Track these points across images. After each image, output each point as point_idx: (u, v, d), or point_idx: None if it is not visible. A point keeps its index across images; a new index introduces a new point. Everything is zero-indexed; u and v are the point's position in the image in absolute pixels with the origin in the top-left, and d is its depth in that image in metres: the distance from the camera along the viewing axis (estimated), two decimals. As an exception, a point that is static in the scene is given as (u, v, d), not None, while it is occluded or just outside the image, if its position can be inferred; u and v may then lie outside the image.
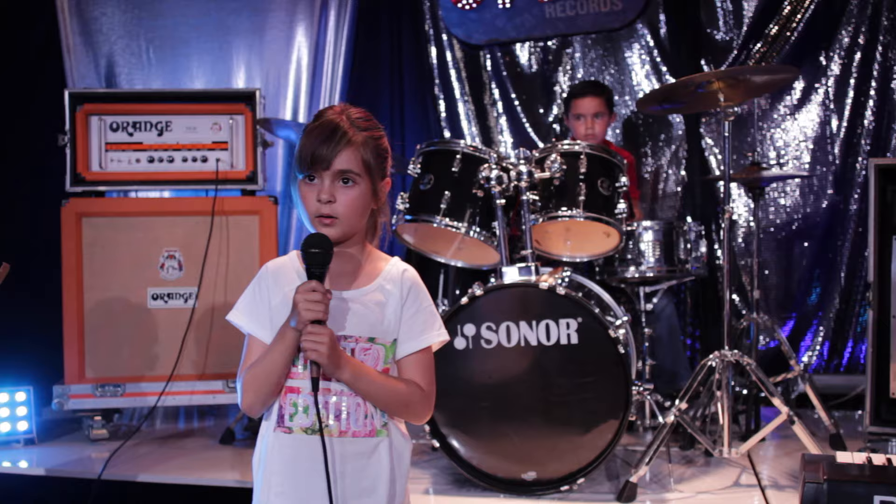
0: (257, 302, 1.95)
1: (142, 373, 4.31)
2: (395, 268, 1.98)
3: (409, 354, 1.95)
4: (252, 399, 1.89)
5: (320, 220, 1.87)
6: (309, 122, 1.95)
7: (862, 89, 4.98)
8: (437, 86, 5.51)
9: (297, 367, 1.88)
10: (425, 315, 1.97)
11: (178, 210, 4.38)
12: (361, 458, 1.89)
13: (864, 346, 4.98)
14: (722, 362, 3.55)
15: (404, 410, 1.95)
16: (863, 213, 4.97)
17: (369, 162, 1.89)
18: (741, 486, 3.55)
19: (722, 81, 3.48)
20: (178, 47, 5.38)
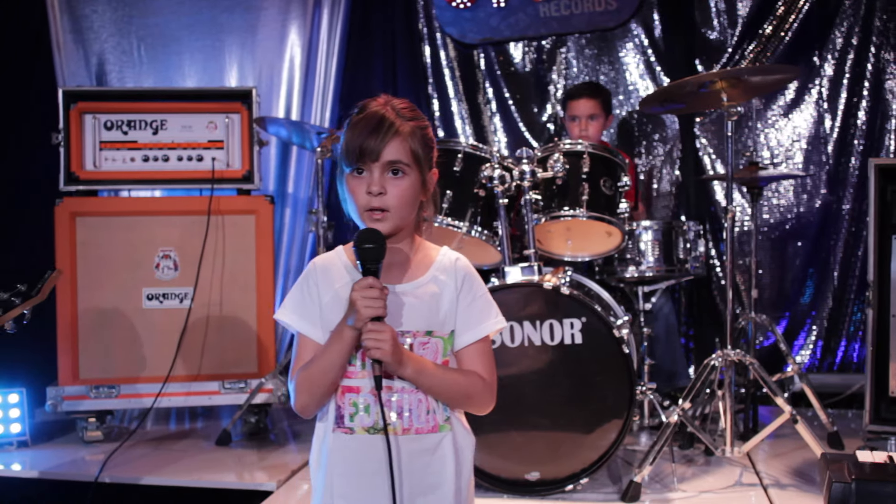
0: (306, 300, 1.90)
1: (137, 374, 4.27)
2: (447, 257, 1.94)
3: (469, 345, 1.91)
4: (307, 400, 1.85)
5: (370, 215, 1.82)
6: (352, 115, 1.89)
7: (855, 90, 5.00)
8: (431, 85, 5.49)
9: (355, 365, 1.84)
10: (481, 303, 1.93)
11: (173, 209, 4.34)
12: (425, 455, 1.86)
13: (857, 346, 5.02)
14: (724, 361, 3.54)
15: (467, 402, 1.91)
16: (856, 213, 5.00)
17: (417, 152, 1.85)
18: (743, 486, 3.56)
19: (725, 81, 3.48)
20: (170, 45, 5.33)
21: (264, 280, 4.36)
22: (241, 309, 4.35)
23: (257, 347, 4.35)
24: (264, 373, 4.31)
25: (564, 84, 5.35)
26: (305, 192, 5.37)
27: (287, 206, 5.37)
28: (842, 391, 4.74)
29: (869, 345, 3.72)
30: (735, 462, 3.82)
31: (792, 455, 3.95)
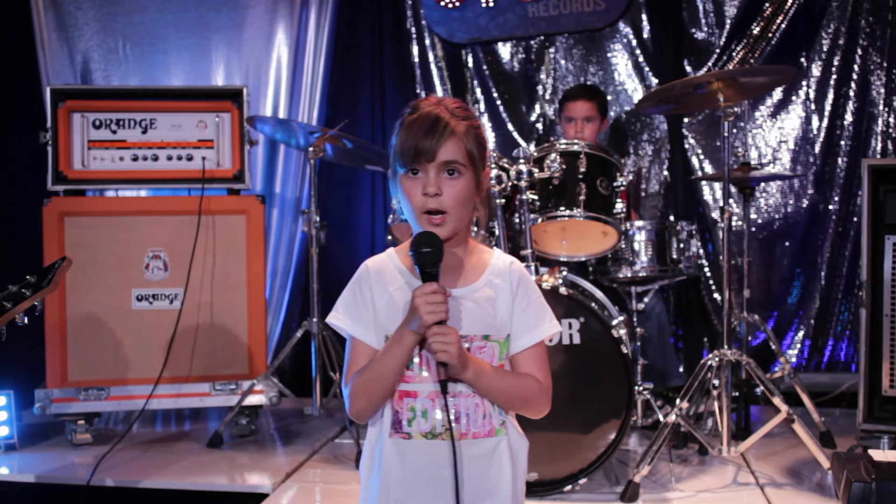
0: (359, 304, 1.88)
1: (127, 375, 4.22)
2: (501, 261, 1.92)
3: (525, 349, 1.90)
4: (363, 405, 1.84)
5: (429, 219, 1.81)
6: (404, 115, 1.88)
7: (841, 91, 5.04)
8: (419, 85, 5.47)
9: (413, 370, 1.83)
10: (536, 307, 1.91)
11: (163, 209, 4.30)
12: (483, 460, 1.84)
13: (844, 345, 5.06)
14: (721, 361, 3.55)
15: (524, 405, 1.90)
16: (843, 213, 5.03)
17: (472, 151, 1.83)
18: (739, 485, 3.57)
19: (721, 82, 3.49)
20: (156, 44, 5.28)
21: (255, 281, 4.32)
22: (231, 310, 4.31)
23: (248, 349, 4.31)
24: (255, 374, 4.27)
25: (553, 84, 5.35)
26: (293, 192, 5.34)
27: (274, 206, 5.33)
28: (830, 390, 4.77)
29: (862, 344, 3.74)
30: (729, 461, 3.84)
31: (785, 454, 3.97)
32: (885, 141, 4.96)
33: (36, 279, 2.81)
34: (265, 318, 4.41)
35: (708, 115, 5.15)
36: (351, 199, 5.43)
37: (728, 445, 3.50)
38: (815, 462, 3.81)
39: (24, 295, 2.77)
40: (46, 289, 2.81)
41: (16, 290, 2.78)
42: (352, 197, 5.44)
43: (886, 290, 3.71)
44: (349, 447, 4.15)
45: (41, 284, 2.79)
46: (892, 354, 3.70)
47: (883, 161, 4.33)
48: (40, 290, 2.79)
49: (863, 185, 3.72)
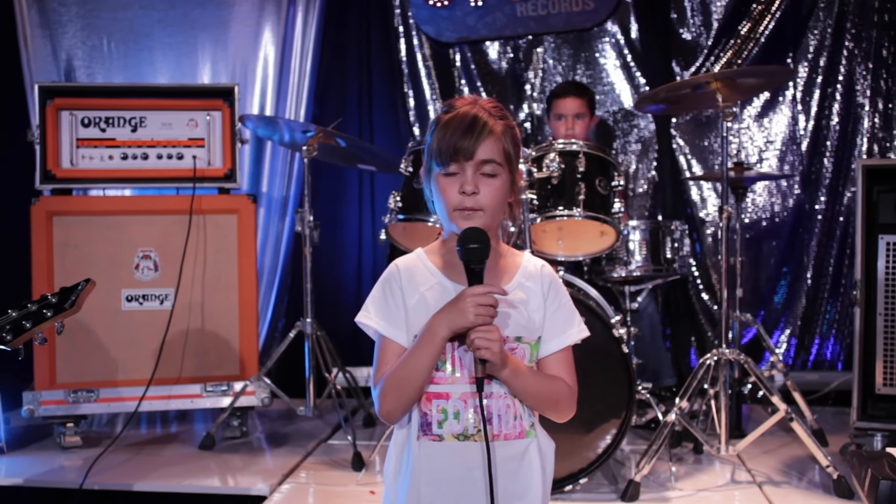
0: (390, 303, 1.86)
1: (116, 377, 4.17)
2: (532, 263, 1.92)
3: (554, 353, 1.90)
4: (394, 405, 1.82)
5: (462, 213, 1.80)
6: (440, 114, 1.87)
7: (827, 92, 5.08)
8: (407, 83, 5.44)
9: (444, 371, 1.82)
10: (566, 311, 1.92)
11: (153, 209, 4.25)
12: (513, 462, 1.83)
13: (830, 344, 5.10)
14: (720, 361, 3.57)
15: (553, 408, 1.90)
16: (829, 214, 5.08)
17: (509, 151, 1.84)
18: (737, 483, 3.59)
19: (720, 82, 3.50)
20: (141, 41, 5.20)
21: (247, 281, 4.28)
22: (223, 310, 4.27)
23: (239, 349, 4.27)
24: (247, 375, 4.23)
25: (541, 84, 5.35)
26: (279, 191, 5.29)
27: (261, 206, 5.28)
28: (819, 388, 4.81)
29: (856, 343, 3.78)
30: (725, 460, 3.85)
31: (778, 452, 4.00)
32: (871, 142, 5.01)
33: (57, 299, 2.75)
34: (257, 318, 4.37)
35: (695, 114, 5.17)
36: (338, 198, 5.39)
37: (726, 444, 3.51)
38: (808, 460, 3.86)
39: (45, 316, 2.71)
40: (69, 311, 2.76)
41: (35, 309, 2.72)
42: (339, 196, 5.40)
43: (880, 290, 3.75)
44: (343, 448, 4.12)
45: (63, 306, 2.74)
46: (886, 353, 3.74)
47: (877, 161, 4.37)
48: (62, 312, 2.73)
49: (857, 185, 3.76)
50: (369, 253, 5.47)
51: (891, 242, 3.74)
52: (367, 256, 5.47)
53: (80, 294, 2.80)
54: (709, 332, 5.16)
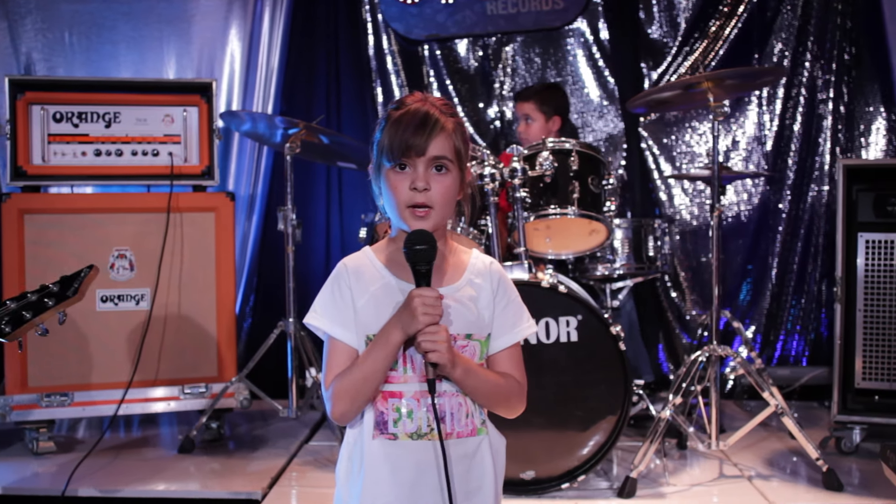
0: (339, 303, 1.83)
1: (91, 380, 4.05)
2: (480, 261, 1.92)
3: (503, 349, 1.89)
4: (347, 407, 1.79)
5: (413, 212, 1.78)
6: (389, 111, 1.86)
7: (792, 94, 5.19)
8: (376, 80, 5.40)
9: (398, 370, 1.80)
10: (515, 307, 1.92)
11: (128, 207, 4.14)
12: (466, 460, 1.83)
13: (794, 340, 5.21)
14: (710, 357, 3.61)
15: (505, 405, 1.89)
16: (793, 212, 5.19)
17: (460, 149, 1.84)
18: (727, 478, 3.64)
19: (711, 82, 3.55)
20: (104, 34, 5.06)
21: (224, 280, 4.20)
22: (200, 310, 4.18)
23: (217, 350, 4.19)
24: (225, 376, 4.16)
25: (511, 82, 5.36)
26: (246, 189, 5.20)
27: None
28: (790, 383, 4.90)
29: (836, 338, 3.86)
30: (710, 455, 3.91)
31: (759, 447, 4.07)
32: (834, 143, 5.13)
33: (59, 288, 2.65)
34: (235, 318, 4.29)
35: (663, 114, 5.23)
36: (306, 196, 5.32)
37: (717, 439, 3.56)
38: (789, 453, 3.96)
39: (46, 305, 2.61)
40: (72, 299, 2.66)
41: (35, 298, 2.62)
42: (307, 194, 5.33)
43: (859, 286, 3.84)
44: (326, 450, 4.08)
45: (66, 294, 2.64)
46: (865, 348, 3.83)
47: (857, 161, 4.49)
48: (64, 301, 2.63)
49: (837, 184, 3.84)
50: (337, 251, 5.41)
51: (870, 240, 3.83)
52: (335, 255, 5.41)
53: (82, 281, 2.70)
54: (677, 330, 5.23)
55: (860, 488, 3.46)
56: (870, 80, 5.13)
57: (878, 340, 3.82)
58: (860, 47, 5.13)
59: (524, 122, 4.59)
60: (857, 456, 3.89)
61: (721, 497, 3.42)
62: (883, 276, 3.81)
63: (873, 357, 3.83)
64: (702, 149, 5.26)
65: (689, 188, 5.27)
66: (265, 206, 5.26)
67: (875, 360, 3.83)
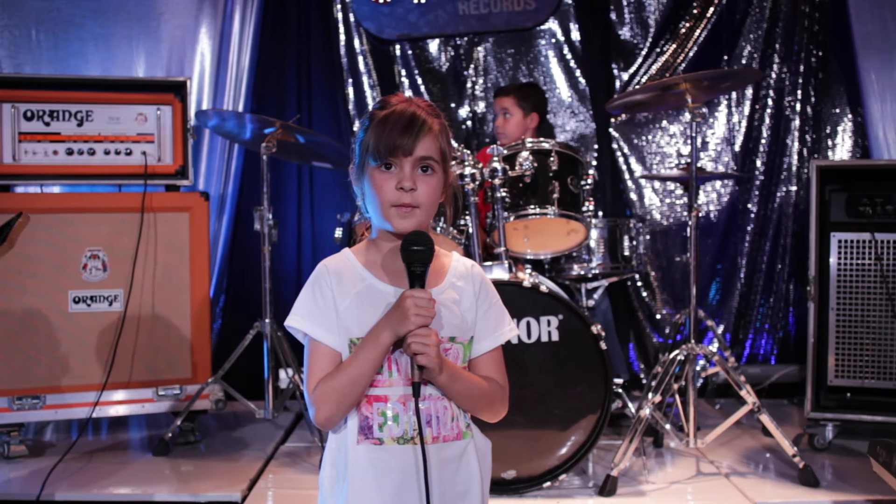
0: (321, 305, 1.81)
1: (64, 383, 3.98)
2: (462, 263, 1.92)
3: (485, 352, 1.89)
4: (332, 411, 1.77)
5: (399, 211, 1.77)
6: (373, 111, 1.85)
7: (760, 95, 5.27)
8: (347, 80, 5.37)
9: (383, 374, 1.79)
10: (496, 310, 1.92)
11: (101, 206, 4.08)
12: (453, 463, 1.82)
13: (763, 339, 5.28)
14: (689, 355, 3.64)
15: (489, 409, 1.88)
16: (761, 213, 5.26)
17: (445, 151, 1.84)
18: (705, 475, 3.68)
19: (689, 83, 3.58)
20: (71, 31, 4.98)
21: (199, 281, 4.17)
22: (174, 311, 4.14)
23: (191, 351, 4.15)
24: (199, 378, 4.12)
25: (483, 82, 5.37)
26: (216, 188, 5.14)
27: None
28: (760, 381, 4.97)
29: (810, 336, 3.92)
30: (687, 453, 3.94)
31: (733, 444, 4.12)
32: (802, 144, 5.22)
33: None
34: (209, 319, 4.25)
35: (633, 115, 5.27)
36: (277, 195, 5.27)
37: (695, 437, 3.59)
38: (763, 450, 4.01)
39: None
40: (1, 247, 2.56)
41: None
42: (278, 193, 5.29)
43: (832, 285, 3.90)
44: (304, 451, 4.05)
45: None
46: (838, 346, 3.89)
47: (829, 162, 4.57)
48: None
49: (810, 184, 3.90)
50: (309, 251, 5.38)
51: (842, 240, 3.89)
52: (307, 254, 5.38)
53: (12, 229, 2.61)
54: (647, 329, 5.27)
55: (835, 484, 3.51)
56: (836, 81, 5.22)
57: (851, 339, 3.88)
58: (827, 50, 5.22)
59: (502, 117, 4.59)
60: (829, 452, 3.95)
61: (701, 494, 3.46)
62: (855, 276, 3.87)
63: (845, 355, 3.89)
64: (672, 149, 5.32)
65: (660, 188, 5.32)
66: (236, 205, 5.21)
67: (847, 358, 3.89)
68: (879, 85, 4.98)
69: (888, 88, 4.96)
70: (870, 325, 3.86)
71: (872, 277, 3.84)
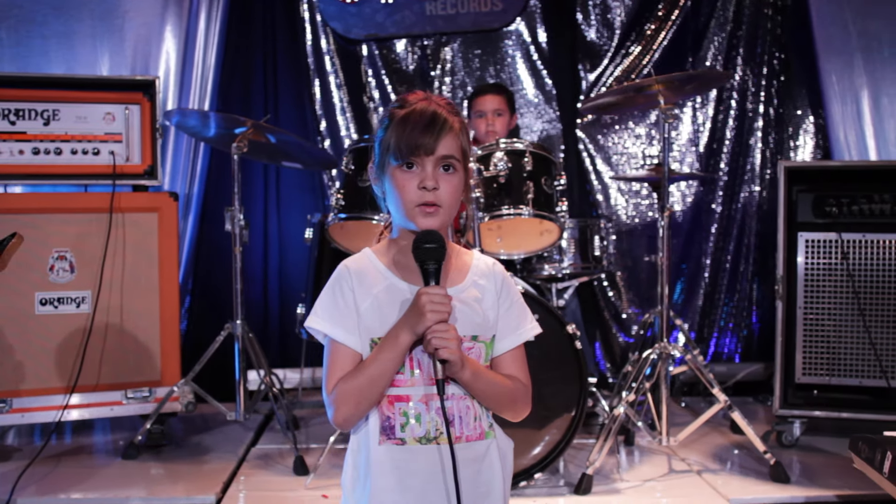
0: (341, 306, 1.81)
1: (30, 386, 3.92)
2: (483, 262, 1.91)
3: (508, 351, 1.89)
4: (351, 412, 1.77)
5: (423, 210, 1.77)
6: (393, 110, 1.84)
7: (723, 97, 5.35)
8: (314, 79, 5.34)
9: (404, 373, 1.78)
10: (518, 308, 1.91)
11: (69, 207, 4.02)
12: (475, 464, 1.81)
13: (727, 338, 5.35)
14: (662, 355, 3.68)
15: (512, 407, 1.88)
16: (725, 212, 5.33)
17: (465, 148, 1.83)
18: (678, 473, 3.72)
19: (662, 84, 3.62)
20: (35, 29, 4.89)
21: (168, 282, 4.12)
22: (143, 313, 4.09)
23: (161, 353, 4.10)
24: (168, 380, 4.07)
25: (451, 82, 5.37)
26: (182, 188, 5.08)
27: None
28: (726, 380, 5.03)
29: (778, 335, 3.98)
30: (658, 451, 3.99)
31: (704, 441, 4.16)
32: (764, 145, 5.30)
33: None
34: (178, 321, 4.21)
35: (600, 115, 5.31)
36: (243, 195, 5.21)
37: (667, 435, 3.63)
38: (732, 447, 4.07)
39: None
40: None
41: None
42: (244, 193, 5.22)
43: (800, 284, 3.97)
44: (276, 452, 4.03)
45: None
46: (805, 344, 3.96)
47: (796, 163, 4.64)
48: None
49: (778, 184, 3.96)
50: (276, 251, 5.35)
51: (809, 239, 3.95)
52: (273, 255, 5.35)
53: (4, 249, 2.56)
54: (613, 329, 5.31)
55: (805, 479, 3.57)
56: (798, 84, 5.31)
57: (818, 337, 3.95)
58: (789, 53, 5.31)
59: (493, 116, 4.52)
60: (797, 449, 4.01)
61: (675, 492, 3.49)
62: (822, 275, 3.94)
63: (813, 353, 3.96)
64: (638, 150, 5.37)
65: (626, 189, 5.36)
66: (201, 206, 5.15)
67: (814, 356, 3.96)
68: (840, 87, 5.07)
69: (849, 91, 5.06)
70: (836, 324, 3.93)
71: (839, 277, 3.91)
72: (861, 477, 2.72)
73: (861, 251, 3.90)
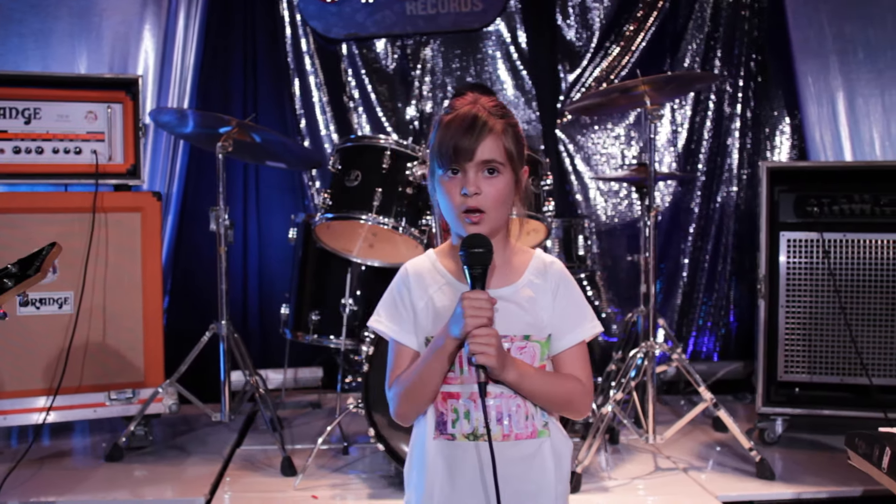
0: (399, 307, 1.88)
1: (12, 388, 3.87)
2: (540, 260, 1.91)
3: (567, 349, 1.87)
4: (407, 409, 1.86)
5: (468, 217, 1.78)
6: (441, 116, 1.86)
7: (701, 99, 5.40)
8: (293, 79, 5.32)
9: (455, 371, 1.81)
10: (577, 307, 1.89)
11: (50, 206, 3.97)
12: (524, 462, 1.82)
13: (705, 337, 5.41)
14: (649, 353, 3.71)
15: (567, 407, 1.88)
16: (703, 213, 5.38)
17: (511, 150, 1.83)
18: (664, 471, 3.75)
19: (648, 85, 3.65)
20: (11, 26, 4.82)
21: (151, 282, 4.09)
22: (126, 314, 4.05)
23: (144, 354, 4.07)
24: (152, 381, 4.04)
25: (431, 82, 5.37)
26: (161, 187, 5.03)
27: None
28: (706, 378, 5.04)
29: (760, 334, 4.02)
30: (643, 449, 4.01)
31: (688, 439, 4.20)
32: (742, 148, 5.36)
33: (18, 268, 2.48)
34: (162, 322, 4.17)
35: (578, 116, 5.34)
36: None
37: (654, 433, 3.66)
38: (716, 444, 4.11)
39: (6, 286, 2.45)
40: (33, 277, 2.49)
41: None
42: (224, 194, 5.22)
43: (782, 283, 4.01)
44: (261, 453, 4.01)
45: (27, 273, 2.48)
46: (788, 342, 4.01)
47: (778, 164, 4.70)
48: (26, 280, 2.46)
49: (760, 185, 4.00)
50: (255, 250, 5.32)
51: (791, 239, 4.00)
52: (252, 254, 5.32)
53: (45, 259, 2.55)
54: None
55: (789, 476, 3.62)
56: (775, 85, 5.38)
57: (799, 335, 4.00)
58: (766, 54, 5.37)
59: None
60: (779, 446, 4.06)
61: (663, 489, 3.52)
62: (804, 274, 3.99)
63: (795, 351, 4.00)
64: (617, 150, 5.40)
65: (605, 189, 5.40)
66: (180, 205, 5.11)
67: (796, 354, 4.00)
68: (816, 89, 5.14)
69: (824, 92, 5.12)
70: (818, 322, 3.97)
71: (820, 276, 3.96)
72: (845, 472, 2.76)
73: (842, 250, 3.95)
